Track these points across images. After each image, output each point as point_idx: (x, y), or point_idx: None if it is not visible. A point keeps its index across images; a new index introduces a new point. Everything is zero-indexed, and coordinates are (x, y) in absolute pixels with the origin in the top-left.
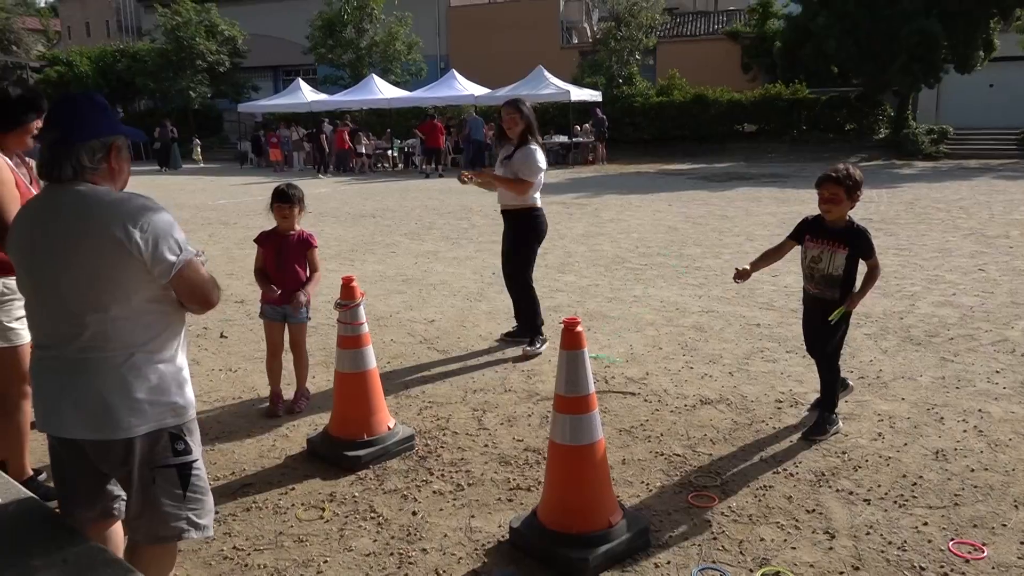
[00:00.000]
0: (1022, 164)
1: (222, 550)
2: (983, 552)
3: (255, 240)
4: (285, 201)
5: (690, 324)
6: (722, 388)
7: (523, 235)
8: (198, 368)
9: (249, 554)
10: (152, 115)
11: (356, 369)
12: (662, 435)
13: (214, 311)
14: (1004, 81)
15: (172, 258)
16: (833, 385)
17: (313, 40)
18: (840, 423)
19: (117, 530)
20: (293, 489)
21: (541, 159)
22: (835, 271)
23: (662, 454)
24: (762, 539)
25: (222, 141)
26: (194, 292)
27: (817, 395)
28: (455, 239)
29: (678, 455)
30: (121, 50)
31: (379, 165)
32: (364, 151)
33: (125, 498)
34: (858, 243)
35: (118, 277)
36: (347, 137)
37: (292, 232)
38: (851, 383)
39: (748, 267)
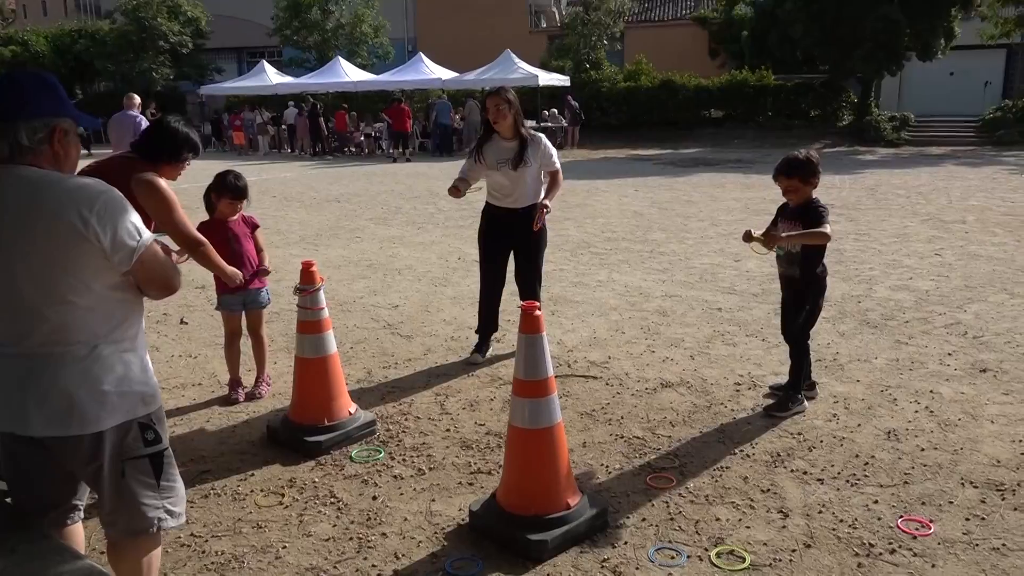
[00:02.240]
0: (981, 151)
1: (179, 537)
2: (930, 528)
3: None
4: (239, 196)
5: (653, 308)
6: (683, 371)
7: (539, 235)
8: (157, 354)
9: (207, 540)
10: (113, 98)
11: (316, 354)
12: (623, 418)
13: (173, 296)
14: (964, 69)
15: (132, 243)
16: (799, 365)
17: (278, 21)
18: (805, 404)
19: (76, 532)
20: (252, 475)
21: None
22: (793, 248)
23: (622, 437)
24: (717, 519)
25: (185, 124)
26: (154, 277)
27: (775, 378)
28: (421, 224)
29: (638, 438)
30: (80, 30)
31: (346, 149)
32: (372, 133)
33: (83, 506)
34: (808, 217)
35: (76, 266)
36: (348, 119)
37: (234, 217)
38: (818, 390)
39: (755, 232)
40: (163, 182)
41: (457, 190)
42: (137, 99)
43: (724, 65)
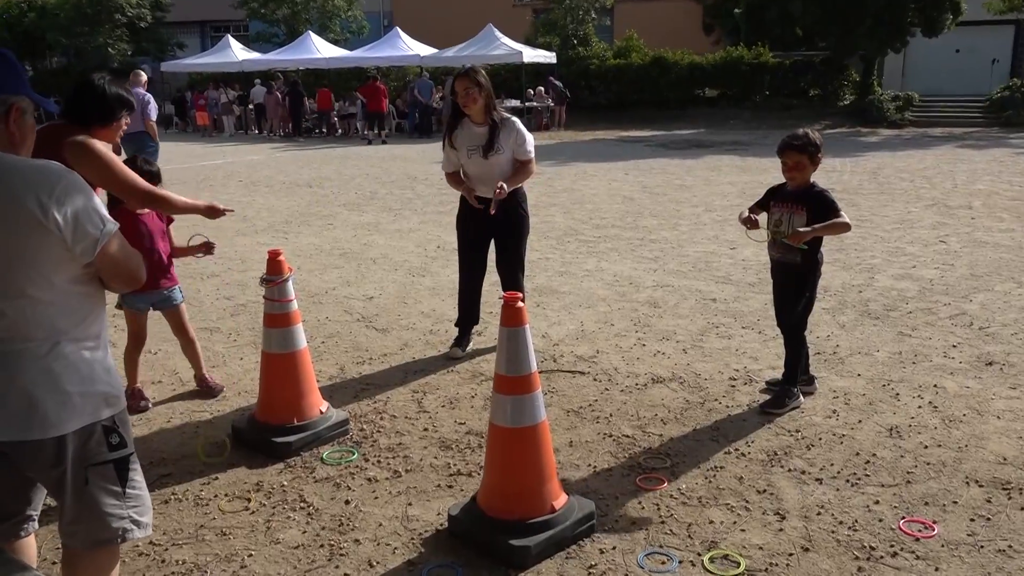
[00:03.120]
0: (987, 132)
1: (137, 546)
2: (933, 530)
3: None
4: (152, 182)
5: (644, 299)
6: (675, 366)
7: (520, 222)
8: (114, 351)
9: (167, 549)
10: (67, 74)
11: (284, 349)
12: (611, 415)
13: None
14: (971, 46)
15: (95, 232)
16: (795, 359)
17: None
18: (801, 398)
19: (28, 544)
20: (216, 479)
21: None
22: (792, 232)
23: (611, 435)
24: (711, 522)
25: (112, 83)
26: (119, 269)
27: (772, 372)
28: (398, 210)
29: (627, 436)
30: (28, 2)
31: (317, 131)
32: (354, 111)
33: (37, 516)
34: (815, 204)
35: (35, 257)
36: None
37: (146, 210)
38: (816, 384)
39: (753, 216)
40: (97, 141)
41: (461, 182)
42: (143, 76)
43: (719, 41)
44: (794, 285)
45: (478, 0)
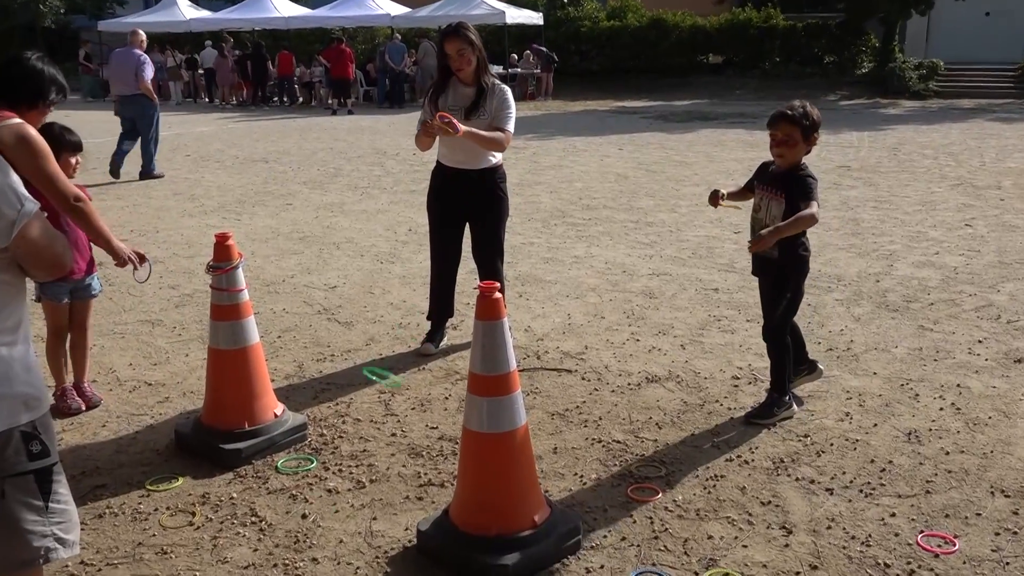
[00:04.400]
0: (1019, 104)
1: (66, 566)
2: (954, 545)
3: None
4: (77, 149)
5: (638, 289)
6: (672, 363)
7: (498, 202)
8: (40, 345)
9: (100, 569)
10: None
11: (234, 345)
12: (600, 419)
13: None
14: (1002, 9)
15: (11, 214)
16: (781, 363)
17: None
18: (795, 407)
19: None
20: (157, 490)
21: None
22: (772, 222)
23: (600, 441)
24: (710, 537)
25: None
26: (41, 254)
27: None
28: (365, 189)
29: (618, 442)
30: None
31: (275, 100)
32: (313, 80)
33: None
34: (794, 186)
35: None
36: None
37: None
38: (821, 366)
39: (724, 192)
40: (32, 129)
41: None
42: (142, 35)
43: (724, 2)
44: (774, 284)
45: None
